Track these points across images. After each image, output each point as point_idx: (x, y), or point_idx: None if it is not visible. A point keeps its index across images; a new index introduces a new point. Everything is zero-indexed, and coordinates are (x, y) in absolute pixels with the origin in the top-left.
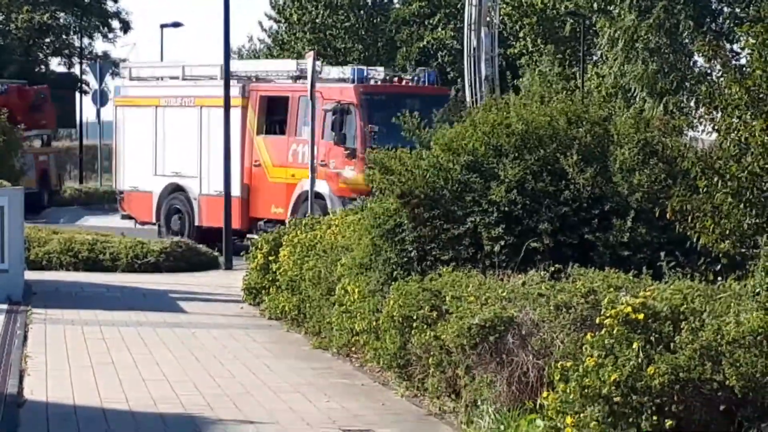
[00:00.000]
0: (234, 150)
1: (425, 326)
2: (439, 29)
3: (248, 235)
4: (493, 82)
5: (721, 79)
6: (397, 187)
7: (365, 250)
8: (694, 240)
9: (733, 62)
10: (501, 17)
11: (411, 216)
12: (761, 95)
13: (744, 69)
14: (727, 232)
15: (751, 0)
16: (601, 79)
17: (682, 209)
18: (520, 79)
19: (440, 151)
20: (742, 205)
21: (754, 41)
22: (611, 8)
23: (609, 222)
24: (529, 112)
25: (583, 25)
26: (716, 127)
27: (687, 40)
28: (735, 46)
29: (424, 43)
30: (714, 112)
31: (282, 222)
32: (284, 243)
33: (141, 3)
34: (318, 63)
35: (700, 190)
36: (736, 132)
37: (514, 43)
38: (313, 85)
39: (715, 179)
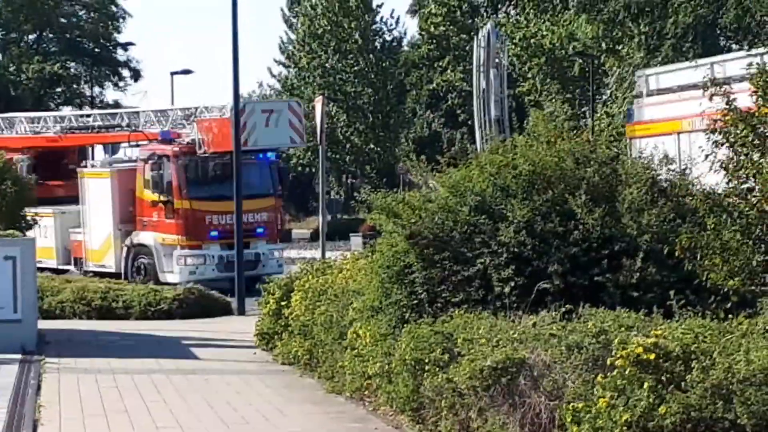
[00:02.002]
0: None
1: (437, 369)
2: (449, 71)
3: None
4: (502, 123)
5: (726, 117)
6: (406, 228)
7: (375, 293)
8: (704, 278)
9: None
10: (510, 58)
11: (420, 257)
12: (767, 133)
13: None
14: (736, 269)
15: (760, 37)
16: (610, 118)
17: (691, 247)
18: (527, 120)
19: (447, 193)
20: (750, 242)
21: (759, 78)
22: (619, 47)
23: (619, 262)
24: (535, 153)
25: (592, 64)
26: (723, 165)
27: None
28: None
29: (434, 85)
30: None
31: None
32: (296, 288)
33: (151, 51)
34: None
35: (708, 227)
36: (743, 169)
37: (523, 83)
38: (322, 131)
39: (724, 217)
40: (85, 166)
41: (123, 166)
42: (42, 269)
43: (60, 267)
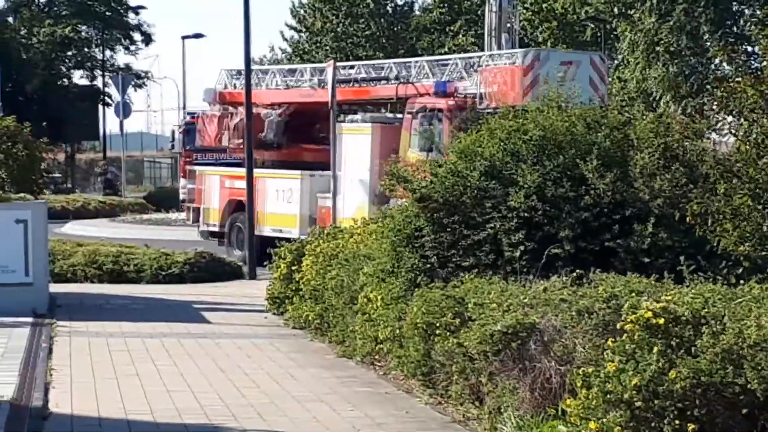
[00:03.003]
0: None
1: (448, 333)
2: (460, 36)
3: None
4: None
5: (737, 83)
6: (416, 191)
7: (386, 257)
8: (715, 243)
9: (752, 64)
10: (521, 23)
11: (430, 221)
12: None
13: (760, 72)
14: (747, 234)
15: None
16: (623, 83)
17: (702, 213)
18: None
19: (456, 158)
20: (761, 207)
21: (766, 43)
22: (631, 12)
23: (630, 227)
24: (546, 118)
25: (603, 29)
26: (733, 131)
27: (708, 43)
28: (756, 48)
29: (445, 50)
30: (730, 116)
31: None
32: (307, 252)
33: (162, 15)
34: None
35: (719, 193)
36: (753, 135)
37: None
38: (333, 96)
39: (734, 182)
40: (343, 121)
41: (386, 121)
42: (281, 240)
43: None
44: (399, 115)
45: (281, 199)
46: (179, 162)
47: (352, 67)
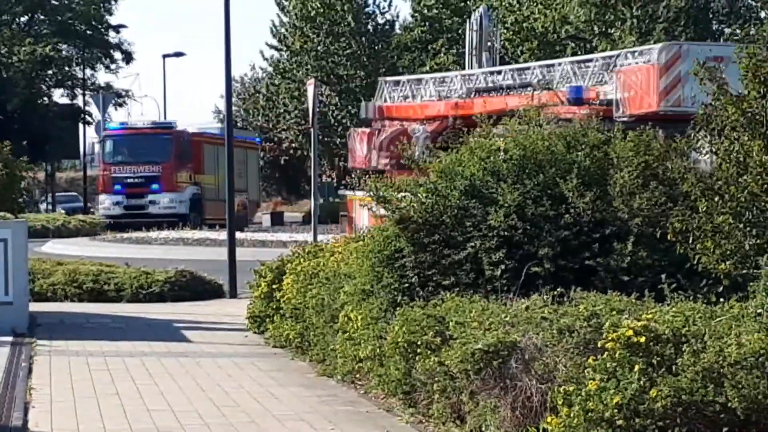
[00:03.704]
0: None
1: (429, 352)
2: (441, 55)
3: None
4: None
5: (718, 102)
6: (395, 213)
7: (366, 277)
8: (696, 262)
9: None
10: (502, 42)
11: (410, 241)
12: (757, 116)
13: (740, 91)
14: (728, 252)
15: (751, 21)
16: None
17: (683, 230)
18: None
19: (437, 177)
20: (742, 225)
21: (746, 62)
22: (612, 31)
23: (610, 246)
24: (526, 137)
25: (584, 48)
26: (714, 149)
27: None
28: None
29: (426, 68)
30: (710, 135)
31: None
32: (288, 271)
33: (143, 33)
34: None
35: (701, 211)
36: (734, 153)
37: None
38: (314, 114)
39: (715, 200)
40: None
41: None
42: None
43: None
44: None
45: None
46: (98, 176)
47: (499, 72)
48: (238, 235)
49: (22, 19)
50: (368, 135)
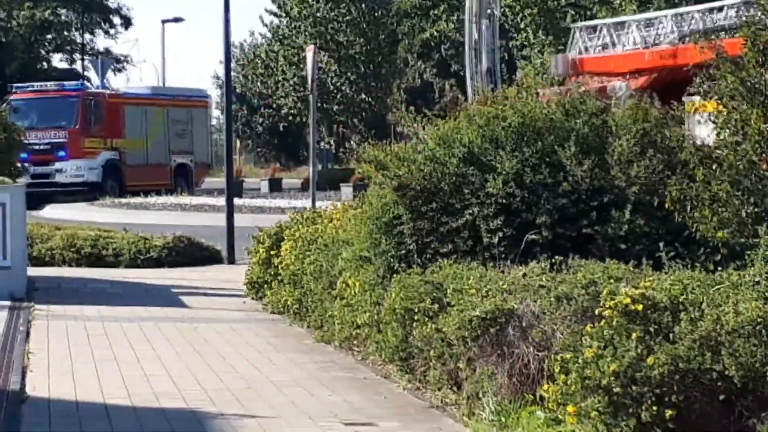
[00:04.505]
0: None
1: (427, 319)
2: (441, 21)
3: None
4: (493, 74)
5: (717, 69)
6: (394, 180)
7: (364, 243)
8: (693, 230)
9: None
10: (502, 9)
11: (408, 208)
12: (756, 85)
13: (740, 58)
14: (726, 220)
15: None
16: None
17: (681, 198)
18: (520, 71)
19: (435, 145)
20: (740, 194)
21: (747, 30)
22: None
23: (608, 214)
24: (524, 105)
25: (584, 16)
26: (712, 118)
27: None
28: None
29: (426, 35)
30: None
31: None
32: (286, 237)
33: None
34: None
35: (698, 179)
36: (733, 122)
37: (515, 35)
38: (313, 80)
39: (713, 168)
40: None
41: None
42: None
43: None
44: None
45: None
46: None
47: (720, 9)
48: (237, 201)
49: None
50: (561, 96)
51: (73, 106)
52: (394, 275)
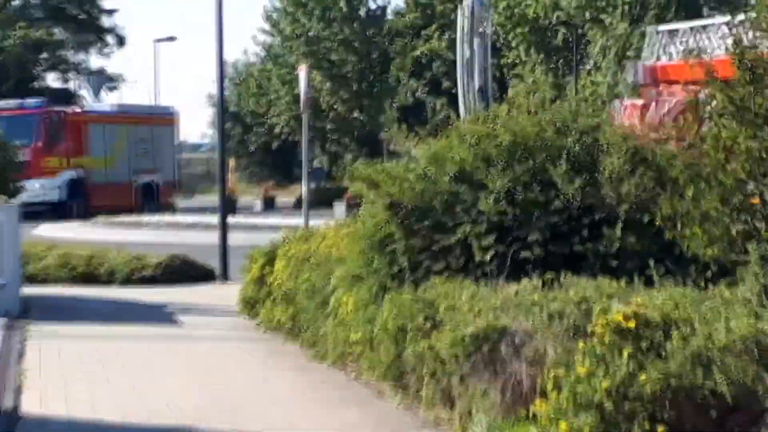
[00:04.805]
0: None
1: (419, 336)
2: (433, 40)
3: None
4: (485, 92)
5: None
6: (386, 198)
7: (357, 261)
8: (684, 247)
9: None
10: (494, 28)
11: (401, 226)
12: (745, 103)
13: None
14: (715, 238)
15: (744, 6)
16: (595, 86)
17: (672, 216)
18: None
19: (427, 163)
20: (729, 211)
21: (733, 49)
22: (603, 17)
23: (599, 231)
24: (516, 123)
25: (575, 34)
26: (702, 136)
27: None
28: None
29: (418, 53)
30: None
31: None
32: (279, 255)
33: (135, 18)
34: None
35: (688, 197)
36: (722, 140)
37: (507, 53)
38: (306, 99)
39: (703, 186)
40: None
41: None
42: None
43: None
44: None
45: None
46: None
47: None
48: (230, 219)
49: (15, 2)
50: (642, 108)
51: (34, 123)
52: (387, 293)
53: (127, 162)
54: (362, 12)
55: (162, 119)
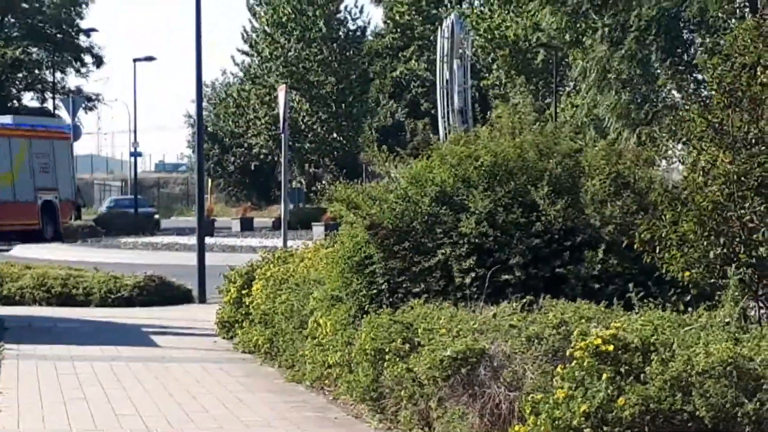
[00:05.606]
0: None
1: (397, 359)
2: (413, 61)
3: None
4: (465, 114)
5: (685, 111)
6: (365, 219)
7: (335, 283)
8: (663, 270)
9: (702, 92)
10: (474, 49)
11: (380, 248)
12: (724, 127)
13: (708, 100)
14: (694, 261)
15: (723, 30)
16: (575, 109)
17: (650, 239)
18: (491, 111)
19: (407, 184)
20: (707, 234)
21: (711, 73)
22: (583, 40)
23: (580, 254)
24: (497, 145)
25: (555, 56)
26: (681, 159)
27: (659, 71)
28: (705, 77)
29: (398, 74)
30: (679, 144)
31: None
32: (257, 276)
33: (113, 37)
34: None
35: (665, 220)
36: (700, 163)
37: (487, 75)
38: (284, 119)
39: (681, 209)
40: None
41: None
42: None
43: None
44: None
45: None
46: None
47: None
48: (208, 240)
49: None
50: None
51: None
52: (366, 315)
53: (30, 179)
54: (341, 33)
55: (57, 134)
